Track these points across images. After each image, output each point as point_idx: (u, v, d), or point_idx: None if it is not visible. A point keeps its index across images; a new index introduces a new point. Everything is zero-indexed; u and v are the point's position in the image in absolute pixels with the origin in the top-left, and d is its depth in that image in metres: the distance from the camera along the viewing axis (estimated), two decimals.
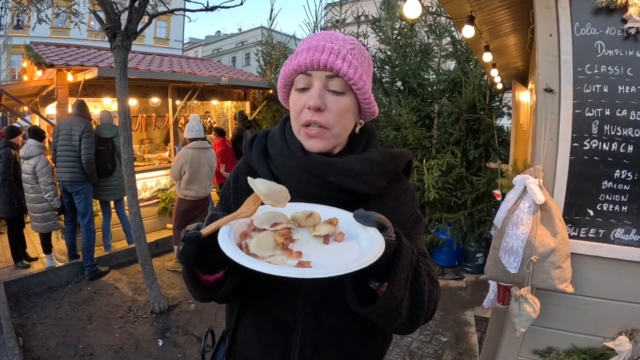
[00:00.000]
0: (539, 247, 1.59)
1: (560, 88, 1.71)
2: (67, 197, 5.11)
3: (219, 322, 3.99)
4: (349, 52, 0.95)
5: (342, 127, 0.99)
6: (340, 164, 0.96)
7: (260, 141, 1.10)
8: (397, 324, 0.86)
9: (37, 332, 3.85)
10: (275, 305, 1.01)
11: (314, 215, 0.85)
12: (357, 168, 0.96)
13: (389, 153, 1.04)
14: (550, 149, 1.72)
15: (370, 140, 1.08)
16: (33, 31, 14.23)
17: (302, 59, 0.94)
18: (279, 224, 0.83)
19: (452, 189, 5.05)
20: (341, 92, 0.95)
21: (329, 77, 0.94)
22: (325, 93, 0.95)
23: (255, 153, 1.08)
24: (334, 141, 1.00)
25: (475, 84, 5.03)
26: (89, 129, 5.03)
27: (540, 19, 1.72)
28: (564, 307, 1.94)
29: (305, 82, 0.96)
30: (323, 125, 0.95)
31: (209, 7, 4.21)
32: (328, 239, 0.81)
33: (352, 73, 0.93)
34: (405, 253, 0.79)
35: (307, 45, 0.96)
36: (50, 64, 5.47)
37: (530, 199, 1.60)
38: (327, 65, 0.92)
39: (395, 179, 1.06)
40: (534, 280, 1.65)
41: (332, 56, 0.92)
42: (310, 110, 0.94)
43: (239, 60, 36.28)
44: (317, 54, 0.93)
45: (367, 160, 0.99)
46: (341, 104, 0.95)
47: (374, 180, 0.98)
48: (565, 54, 1.71)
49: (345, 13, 6.73)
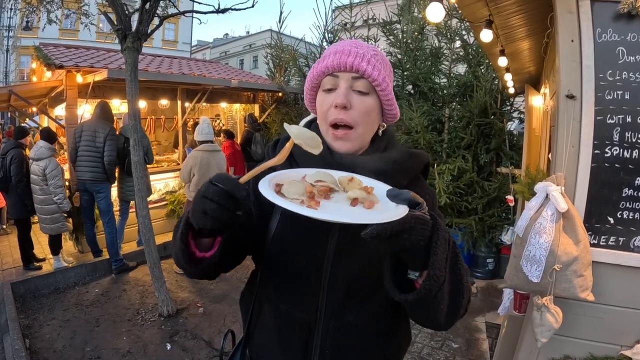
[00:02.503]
0: (562, 255, 1.56)
1: (582, 94, 1.68)
2: (87, 195, 5.23)
3: (228, 325, 3.96)
4: (372, 56, 1.01)
5: (366, 126, 1.03)
6: (364, 162, 1.00)
7: (283, 144, 1.09)
8: (438, 314, 0.84)
9: (43, 334, 3.84)
10: (297, 305, 1.03)
11: (355, 180, 0.88)
12: (380, 166, 0.99)
13: (408, 152, 1.08)
14: (571, 156, 1.69)
15: (390, 142, 1.12)
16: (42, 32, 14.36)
17: (330, 61, 1.00)
18: (323, 182, 0.87)
19: (462, 194, 5.01)
20: (366, 93, 1.00)
21: (355, 78, 1.00)
22: (350, 93, 1.00)
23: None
24: (360, 142, 1.04)
25: (487, 88, 5.00)
26: (113, 132, 5.18)
27: (562, 23, 1.69)
28: (582, 315, 1.91)
29: (332, 83, 1.02)
30: (348, 124, 1.00)
31: (220, 9, 4.20)
32: (356, 202, 0.81)
33: (377, 75, 0.99)
34: (442, 232, 0.79)
35: (334, 50, 1.03)
36: (59, 65, 5.49)
37: (553, 207, 1.56)
38: (353, 66, 0.98)
39: (413, 180, 1.09)
40: (556, 289, 1.62)
41: (358, 59, 0.98)
42: (337, 108, 1.00)
43: (246, 63, 36.37)
44: (343, 56, 0.99)
45: (389, 158, 1.02)
46: (366, 104, 1.00)
47: (395, 178, 0.99)
48: (587, 59, 1.68)
49: (355, 16, 6.71)
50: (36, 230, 5.60)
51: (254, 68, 32.44)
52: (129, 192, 5.41)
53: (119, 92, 6.12)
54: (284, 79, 8.63)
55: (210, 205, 0.80)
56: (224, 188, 0.80)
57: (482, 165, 5.17)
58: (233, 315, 4.11)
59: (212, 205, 0.80)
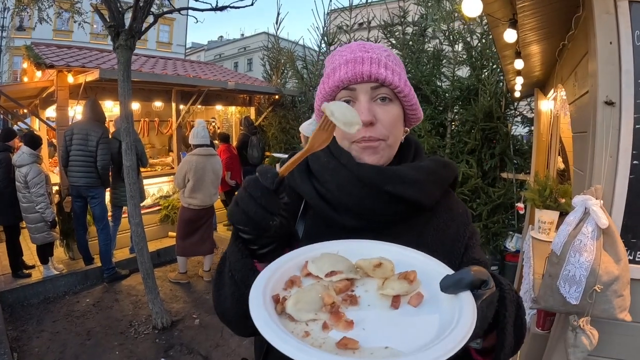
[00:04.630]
0: (603, 275, 1.42)
1: (620, 101, 1.55)
2: (80, 201, 5.06)
3: (225, 339, 3.81)
4: (386, 58, 0.91)
5: (395, 137, 0.93)
6: (397, 172, 0.89)
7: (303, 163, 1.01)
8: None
9: (32, 347, 3.67)
10: None
11: (384, 265, 0.67)
12: (415, 176, 0.89)
13: (442, 161, 0.98)
14: (609, 167, 1.56)
15: (417, 150, 1.02)
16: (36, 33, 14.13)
17: (344, 73, 0.88)
18: (337, 273, 0.65)
19: (467, 200, 4.90)
20: (389, 100, 0.90)
21: (374, 87, 0.89)
22: (372, 105, 0.89)
23: (297, 173, 0.98)
24: (389, 152, 0.93)
25: (491, 91, 4.89)
26: (106, 135, 5.00)
27: (600, 25, 1.56)
28: (614, 334, 1.80)
29: (349, 95, 0.90)
30: (378, 139, 0.89)
31: (218, 7, 4.05)
32: (399, 301, 0.61)
33: (397, 80, 0.88)
34: (508, 296, 0.70)
35: (344, 59, 0.90)
36: (50, 65, 5.30)
37: (593, 222, 1.43)
38: (371, 75, 0.87)
39: (444, 192, 0.98)
40: (595, 310, 1.49)
41: (375, 66, 0.87)
42: (363, 126, 0.85)
43: (241, 65, 36.25)
44: (357, 65, 0.87)
45: (423, 168, 0.92)
46: (391, 114, 0.90)
47: (430, 189, 0.91)
48: (626, 63, 1.55)
49: (355, 17, 6.59)
50: (26, 235, 5.40)
51: (248, 71, 32.34)
52: (122, 197, 5.20)
53: (111, 93, 5.94)
54: (281, 82, 8.49)
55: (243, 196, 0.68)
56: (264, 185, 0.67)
57: (487, 170, 5.07)
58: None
59: (245, 197, 0.68)
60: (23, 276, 5.10)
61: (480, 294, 0.61)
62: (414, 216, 0.89)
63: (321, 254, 0.70)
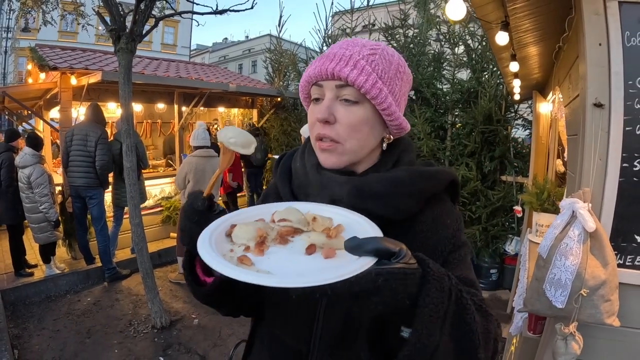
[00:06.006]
0: (589, 279, 1.42)
1: (610, 103, 1.54)
2: (79, 201, 5.10)
3: (223, 339, 3.82)
4: (364, 57, 0.84)
5: (358, 141, 0.87)
6: (357, 183, 0.84)
7: (287, 160, 1.03)
8: None
9: (33, 345, 3.71)
10: (289, 333, 0.91)
11: (318, 220, 0.73)
12: (377, 188, 0.83)
13: (418, 172, 0.88)
14: (598, 170, 1.55)
15: (402, 157, 0.94)
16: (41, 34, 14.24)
17: (312, 69, 0.87)
18: (287, 220, 0.73)
19: (466, 203, 4.89)
20: (354, 102, 0.84)
21: (339, 86, 0.84)
22: (336, 104, 0.85)
23: (280, 172, 1.01)
24: (349, 157, 0.88)
25: (491, 94, 4.89)
26: (105, 136, 5.03)
27: (589, 26, 1.56)
28: (600, 338, 1.77)
29: (319, 93, 0.88)
30: (334, 139, 0.86)
31: (218, 10, 4.08)
32: (312, 250, 0.65)
33: (363, 80, 0.82)
34: (435, 283, 0.64)
35: (323, 54, 0.88)
36: (53, 67, 5.36)
37: (580, 226, 1.43)
38: (334, 73, 0.82)
39: (434, 201, 0.90)
40: (581, 314, 1.48)
41: (341, 64, 0.83)
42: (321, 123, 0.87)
43: (245, 67, 36.40)
44: (326, 62, 0.84)
45: (389, 179, 0.85)
46: (353, 116, 0.85)
47: (397, 203, 0.83)
48: (616, 65, 1.54)
49: (356, 20, 6.60)
50: (29, 235, 5.44)
51: (252, 73, 32.46)
52: (123, 198, 5.23)
53: (114, 95, 5.97)
54: (283, 84, 8.52)
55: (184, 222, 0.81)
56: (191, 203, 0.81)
57: (486, 173, 5.06)
58: (229, 328, 3.96)
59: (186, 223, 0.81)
60: (25, 275, 5.14)
61: (385, 263, 0.59)
62: (387, 227, 0.76)
63: (286, 207, 0.76)
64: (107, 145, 4.98)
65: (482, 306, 0.76)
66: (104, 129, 5.13)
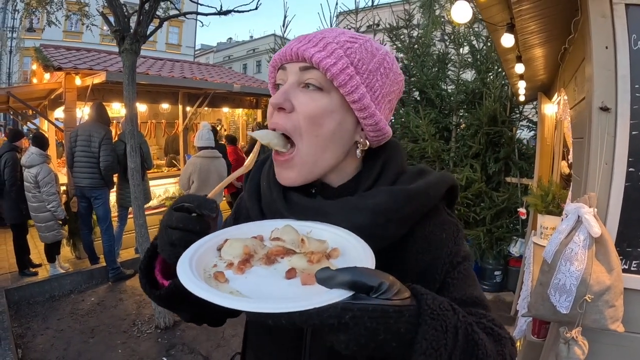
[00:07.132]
0: (594, 285, 1.41)
1: (616, 106, 1.53)
2: (85, 201, 5.11)
3: (227, 339, 3.82)
4: (339, 43, 0.72)
5: (318, 140, 0.73)
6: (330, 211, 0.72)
7: (255, 173, 0.88)
8: None
9: (37, 344, 3.72)
10: (278, 355, 0.84)
11: (306, 243, 0.67)
12: (355, 220, 0.70)
13: (404, 194, 0.72)
14: (604, 174, 1.54)
15: (384, 170, 0.80)
16: (46, 34, 14.30)
17: (279, 51, 0.76)
18: (280, 240, 0.69)
19: (470, 204, 4.86)
20: (317, 88, 0.72)
21: (303, 69, 0.72)
22: (296, 90, 0.73)
23: (249, 190, 0.87)
24: (309, 169, 0.75)
25: (496, 95, 4.86)
26: (109, 136, 5.02)
27: (595, 29, 1.55)
28: (604, 343, 1.76)
29: (282, 78, 0.77)
30: (287, 132, 0.74)
31: (222, 11, 4.08)
32: (292, 275, 0.59)
33: (331, 63, 0.69)
34: (434, 322, 0.53)
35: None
36: (58, 67, 5.38)
37: (585, 231, 1.42)
38: (298, 54, 0.71)
39: (424, 217, 0.77)
40: (585, 320, 1.47)
41: (309, 44, 0.72)
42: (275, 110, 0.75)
43: (250, 67, 36.45)
44: (293, 43, 0.74)
45: (369, 209, 0.70)
46: (315, 104, 0.72)
47: (381, 234, 0.70)
48: (622, 68, 1.53)
49: (360, 21, 6.58)
50: (33, 234, 5.47)
51: (257, 73, 32.52)
52: (127, 198, 5.24)
53: (118, 95, 5.98)
54: None
55: (176, 235, 0.67)
56: (191, 208, 0.68)
57: (491, 174, 5.03)
58: (232, 329, 3.96)
59: (178, 234, 0.67)
60: (29, 274, 5.17)
61: (361, 298, 0.50)
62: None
63: (284, 226, 0.72)
64: (111, 145, 4.98)
65: (493, 329, 0.68)
66: (108, 128, 5.13)
